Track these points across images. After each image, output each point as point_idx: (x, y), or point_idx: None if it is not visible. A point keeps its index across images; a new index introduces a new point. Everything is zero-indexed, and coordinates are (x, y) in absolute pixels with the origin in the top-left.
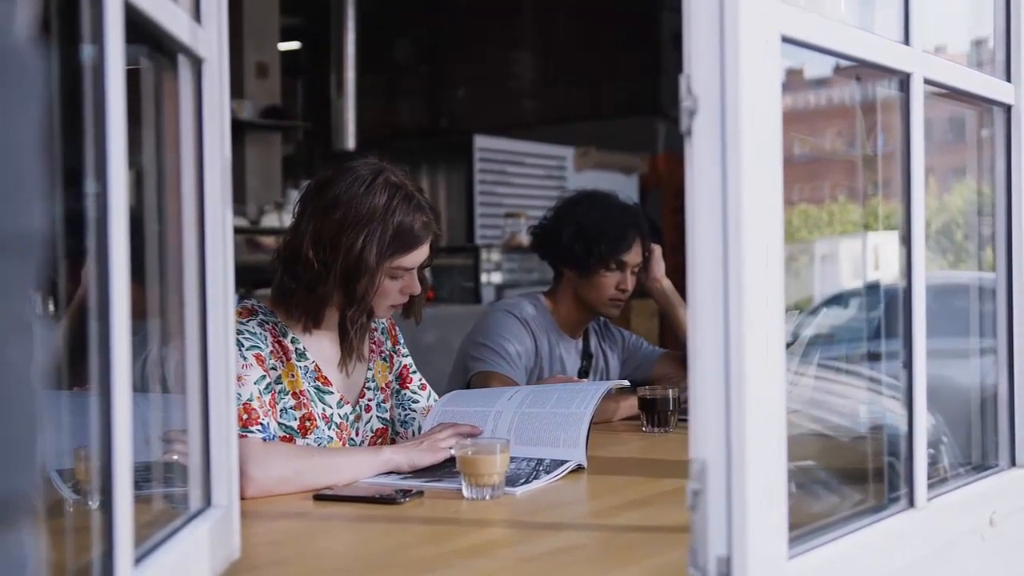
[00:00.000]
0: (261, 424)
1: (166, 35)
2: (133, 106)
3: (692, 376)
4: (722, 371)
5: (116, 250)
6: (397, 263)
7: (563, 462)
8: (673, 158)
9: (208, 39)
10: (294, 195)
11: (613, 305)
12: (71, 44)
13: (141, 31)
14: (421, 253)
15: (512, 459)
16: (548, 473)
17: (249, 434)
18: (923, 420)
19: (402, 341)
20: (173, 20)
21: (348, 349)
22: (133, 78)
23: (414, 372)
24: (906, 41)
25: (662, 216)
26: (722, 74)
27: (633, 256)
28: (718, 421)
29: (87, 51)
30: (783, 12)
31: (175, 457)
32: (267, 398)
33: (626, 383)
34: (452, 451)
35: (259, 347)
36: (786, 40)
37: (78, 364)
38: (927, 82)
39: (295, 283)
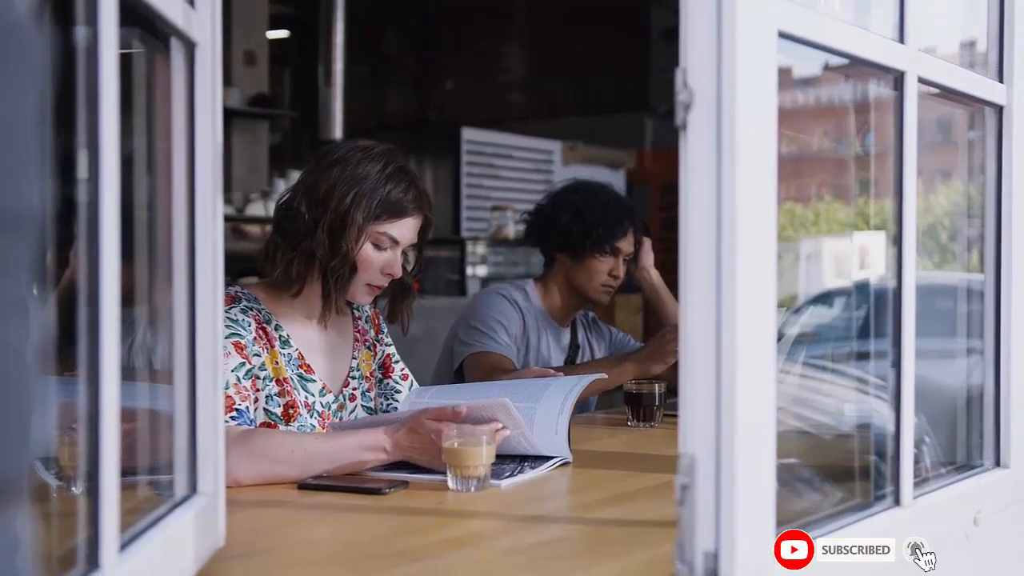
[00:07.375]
0: (237, 410)
1: (159, 17)
2: (124, 89)
3: (683, 372)
4: (713, 367)
5: (107, 235)
6: (383, 228)
7: (549, 457)
8: (660, 154)
9: (201, 22)
10: (280, 184)
11: (604, 291)
12: (64, 25)
13: (134, 13)
14: (407, 227)
15: (497, 456)
16: (533, 467)
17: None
18: (911, 419)
19: (385, 331)
20: (166, 2)
21: (328, 303)
22: (125, 61)
23: (396, 361)
24: (901, 39)
25: (648, 211)
26: (719, 68)
27: (627, 244)
28: (708, 416)
29: (80, 32)
30: (780, 8)
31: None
32: (247, 383)
33: (603, 375)
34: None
35: (240, 335)
36: (783, 36)
37: (62, 349)
38: (921, 81)
39: (282, 238)
